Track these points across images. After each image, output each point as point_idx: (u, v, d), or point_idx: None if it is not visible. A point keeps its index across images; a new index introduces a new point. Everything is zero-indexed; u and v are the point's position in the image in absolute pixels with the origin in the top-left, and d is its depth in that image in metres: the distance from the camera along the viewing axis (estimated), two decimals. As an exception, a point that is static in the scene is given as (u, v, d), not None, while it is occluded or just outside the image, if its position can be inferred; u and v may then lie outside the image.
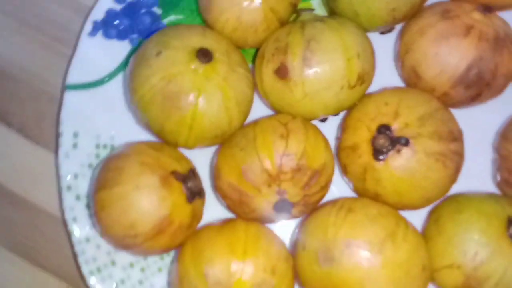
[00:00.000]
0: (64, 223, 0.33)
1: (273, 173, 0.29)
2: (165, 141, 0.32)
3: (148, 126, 0.31)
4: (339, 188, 0.34)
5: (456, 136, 0.30)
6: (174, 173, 0.30)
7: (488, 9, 0.31)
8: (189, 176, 0.30)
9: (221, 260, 0.28)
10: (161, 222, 0.29)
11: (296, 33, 0.31)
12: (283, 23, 0.33)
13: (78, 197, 0.33)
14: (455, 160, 0.30)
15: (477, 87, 0.31)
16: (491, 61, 0.30)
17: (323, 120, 0.35)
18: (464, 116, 0.33)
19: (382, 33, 0.35)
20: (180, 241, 0.30)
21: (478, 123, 0.34)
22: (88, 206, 0.33)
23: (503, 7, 0.33)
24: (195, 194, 0.30)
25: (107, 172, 0.30)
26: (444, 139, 0.30)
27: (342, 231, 0.29)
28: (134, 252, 0.30)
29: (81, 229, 0.33)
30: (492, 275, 0.29)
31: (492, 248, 0.29)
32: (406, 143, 0.29)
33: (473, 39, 0.30)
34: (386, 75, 0.35)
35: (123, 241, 0.29)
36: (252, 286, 0.28)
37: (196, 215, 0.31)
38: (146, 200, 0.28)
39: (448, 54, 0.31)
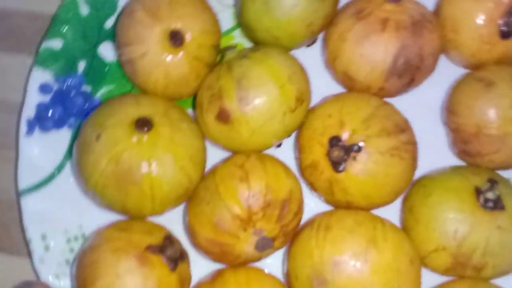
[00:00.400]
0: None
1: (245, 217, 0.29)
2: (132, 216, 0.32)
3: (110, 208, 0.31)
4: (315, 202, 0.35)
5: (403, 127, 0.31)
6: (149, 248, 0.30)
7: (396, -2, 0.32)
8: (165, 245, 0.30)
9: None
10: None
11: (226, 76, 0.31)
12: (211, 66, 0.33)
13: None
14: (410, 150, 0.31)
15: (409, 74, 0.32)
16: (414, 46, 0.31)
17: (279, 145, 0.35)
18: (409, 100, 0.34)
19: (308, 46, 0.36)
20: None
21: (425, 103, 0.35)
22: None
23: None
24: (177, 260, 0.30)
25: (84, 270, 0.29)
26: (392, 133, 0.31)
27: (326, 251, 0.30)
28: None
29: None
30: (477, 247, 0.30)
31: (469, 221, 0.30)
32: (359, 149, 0.30)
33: (391, 31, 0.31)
34: (324, 83, 0.36)
35: None
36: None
37: (185, 279, 0.31)
38: (131, 286, 0.28)
39: (372, 52, 0.32)
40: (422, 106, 0.36)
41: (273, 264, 0.34)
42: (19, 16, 0.39)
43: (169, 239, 0.31)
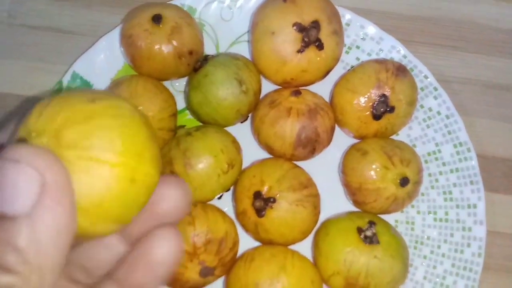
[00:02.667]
0: None
1: (191, 251, 0.40)
2: None
3: None
4: (248, 240, 0.45)
5: (306, 184, 0.43)
6: None
7: (298, 92, 0.45)
8: None
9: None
10: None
11: (175, 149, 0.43)
12: (173, 130, 0.45)
13: None
14: (311, 201, 0.43)
15: (310, 145, 0.45)
16: (311, 126, 0.44)
17: (220, 197, 0.47)
18: (316, 163, 0.47)
19: (242, 122, 0.48)
20: None
21: (328, 165, 0.48)
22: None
23: (310, 84, 0.47)
24: None
25: None
26: (297, 189, 0.42)
27: (250, 277, 0.40)
28: None
29: None
30: (361, 271, 0.41)
31: (353, 253, 0.41)
32: (274, 200, 0.42)
33: (294, 116, 0.44)
34: (254, 149, 0.48)
35: None
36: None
37: None
38: None
39: (282, 131, 0.44)
40: (327, 167, 0.48)
41: (216, 291, 0.44)
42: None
43: None
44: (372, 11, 0.54)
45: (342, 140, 0.48)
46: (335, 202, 0.47)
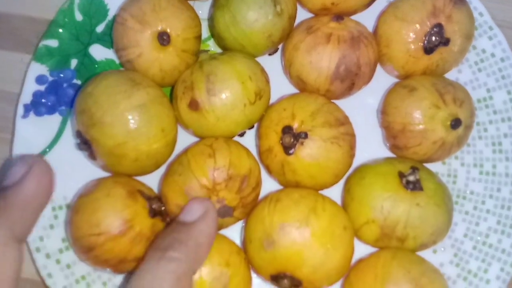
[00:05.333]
0: (42, 282, 0.37)
1: (210, 187, 0.35)
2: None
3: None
4: (271, 184, 0.40)
5: (342, 121, 0.38)
6: (140, 191, 0.36)
7: (340, 18, 0.39)
8: (154, 198, 0.36)
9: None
10: (123, 223, 0.34)
11: (197, 72, 0.37)
12: (197, 54, 0.40)
13: (48, 256, 0.38)
14: (347, 139, 0.38)
15: (349, 79, 0.39)
16: (353, 56, 0.38)
17: (242, 134, 0.41)
18: (353, 104, 0.42)
19: (270, 54, 0.43)
20: (138, 253, 0.35)
21: (365, 107, 0.43)
22: (57, 261, 0.38)
23: (351, 13, 0.41)
24: (157, 214, 0.36)
25: (86, 187, 0.36)
26: (333, 125, 0.37)
27: (275, 218, 0.35)
28: (96, 257, 0.34)
29: (57, 282, 0.37)
30: (400, 220, 0.36)
31: (392, 199, 0.36)
32: (306, 136, 0.37)
33: (334, 44, 0.38)
34: (282, 86, 0.43)
35: (89, 240, 0.34)
36: (213, 280, 0.33)
37: (156, 232, 0.36)
38: (113, 205, 0.34)
39: (319, 60, 0.38)
40: (363, 108, 0.43)
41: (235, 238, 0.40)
42: (19, 20, 0.45)
43: (159, 200, 0.37)
44: None
45: (382, 82, 0.43)
46: (370, 148, 0.42)
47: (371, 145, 0.42)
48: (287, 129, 0.37)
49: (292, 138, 0.37)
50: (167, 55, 0.38)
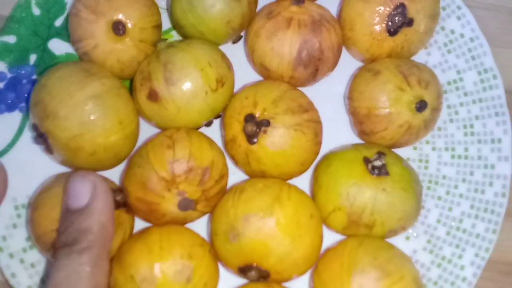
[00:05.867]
0: (6, 282, 0.36)
1: (169, 179, 0.34)
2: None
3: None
4: (237, 176, 0.40)
5: (306, 108, 0.37)
6: None
7: (300, 1, 0.38)
8: (116, 190, 0.35)
9: (142, 260, 0.32)
10: None
11: (154, 61, 0.36)
12: (156, 45, 0.38)
13: (11, 255, 0.37)
14: (311, 126, 0.37)
15: (312, 65, 0.38)
16: (314, 41, 0.37)
17: (208, 124, 0.40)
18: (319, 91, 0.41)
19: (234, 42, 0.42)
20: None
21: (332, 93, 0.42)
22: (21, 261, 0.37)
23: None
24: (121, 205, 0.35)
25: (45, 183, 0.35)
26: (296, 112, 0.36)
27: (240, 209, 0.35)
28: None
29: (22, 281, 0.36)
30: (366, 206, 0.35)
31: (358, 185, 0.35)
32: (268, 124, 0.36)
33: (294, 28, 0.37)
34: (247, 74, 0.42)
35: (52, 236, 0.33)
36: (175, 273, 0.32)
37: (121, 225, 0.35)
38: None
39: (280, 46, 0.37)
40: (331, 96, 0.42)
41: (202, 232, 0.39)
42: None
43: (121, 191, 0.36)
44: None
45: (348, 68, 0.42)
46: (339, 135, 0.41)
47: (340, 133, 0.41)
48: (249, 117, 0.36)
49: (255, 126, 0.36)
50: (124, 46, 0.37)
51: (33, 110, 0.35)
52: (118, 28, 0.36)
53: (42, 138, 0.35)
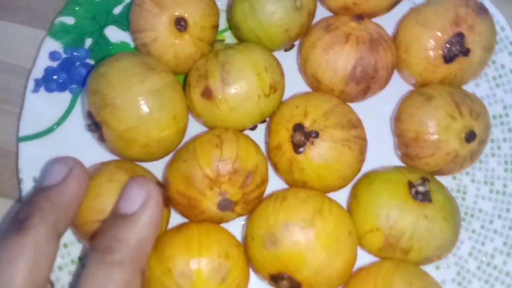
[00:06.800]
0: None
1: (213, 178, 0.34)
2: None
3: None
4: (277, 183, 0.40)
5: (355, 124, 0.37)
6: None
7: (360, 18, 0.38)
8: (157, 184, 0.35)
9: (181, 255, 0.32)
10: None
11: (212, 60, 0.37)
12: (213, 44, 0.39)
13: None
14: (358, 143, 0.37)
15: (365, 82, 0.38)
16: (370, 59, 0.38)
17: (253, 128, 0.40)
18: (367, 108, 0.41)
19: (286, 50, 0.42)
20: None
21: (379, 112, 0.42)
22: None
23: (372, 15, 0.40)
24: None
25: (88, 171, 0.34)
26: (345, 127, 0.36)
27: (280, 216, 0.34)
28: None
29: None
30: (405, 231, 0.35)
31: (400, 208, 0.35)
32: (317, 135, 0.36)
33: (352, 44, 0.38)
34: (296, 84, 0.42)
35: (93, 226, 0.33)
36: (211, 271, 0.32)
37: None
38: (116, 191, 0.33)
39: (336, 59, 0.38)
40: (377, 114, 0.42)
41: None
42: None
43: (162, 185, 0.36)
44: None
45: (397, 89, 0.42)
46: (380, 155, 0.41)
47: (381, 152, 0.41)
48: (298, 127, 0.36)
49: (303, 136, 0.36)
50: (183, 42, 0.37)
51: (90, 98, 0.35)
52: (180, 24, 0.37)
53: (96, 126, 0.35)
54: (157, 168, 0.39)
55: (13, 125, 0.40)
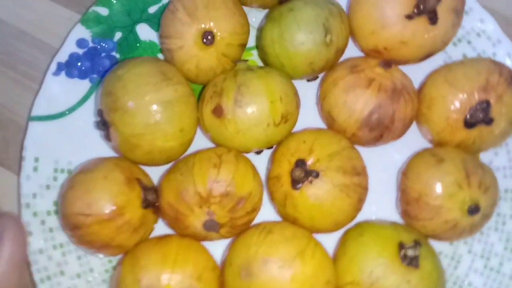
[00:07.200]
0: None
1: (204, 196, 0.34)
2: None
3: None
4: (270, 213, 0.39)
5: (359, 171, 0.36)
6: (138, 180, 0.35)
7: (388, 65, 0.37)
8: (150, 189, 0.36)
9: (154, 268, 0.33)
10: (114, 209, 0.34)
11: (230, 79, 0.37)
12: (236, 62, 0.39)
13: (35, 214, 0.38)
14: (358, 191, 0.36)
15: (378, 130, 0.37)
16: (389, 108, 0.37)
17: (258, 152, 0.40)
18: (375, 155, 0.40)
19: (308, 80, 0.42)
20: (122, 241, 0.35)
21: (388, 162, 0.41)
22: (42, 222, 0.38)
23: (402, 63, 0.39)
24: (150, 205, 0.36)
25: (87, 164, 0.36)
26: (348, 173, 0.36)
27: (262, 249, 0.34)
28: (80, 236, 0.34)
29: (35, 242, 0.37)
30: (386, 291, 0.34)
31: (385, 267, 0.34)
32: (317, 175, 0.35)
33: (373, 90, 0.37)
34: (311, 116, 0.41)
35: (77, 218, 0.34)
36: (179, 291, 0.33)
37: (145, 224, 0.36)
38: (108, 188, 0.34)
39: (354, 102, 0.37)
40: (386, 162, 0.41)
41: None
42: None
43: (155, 191, 0.36)
44: (496, 11, 0.45)
45: (413, 142, 0.41)
46: (379, 205, 0.40)
47: (382, 203, 0.40)
48: (300, 163, 0.36)
49: (303, 173, 0.35)
50: (207, 55, 0.37)
51: (104, 98, 0.36)
52: (207, 38, 0.37)
53: (104, 125, 0.36)
54: (156, 170, 0.39)
55: (30, 101, 0.41)
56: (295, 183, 0.36)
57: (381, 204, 0.40)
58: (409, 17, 0.36)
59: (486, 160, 0.40)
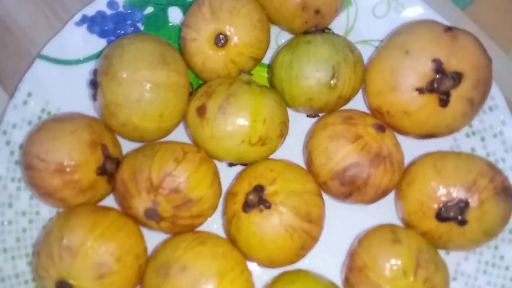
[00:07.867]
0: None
1: (155, 184, 0.34)
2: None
3: None
4: (219, 226, 0.39)
5: (312, 219, 0.35)
6: (104, 146, 0.36)
7: (381, 128, 0.36)
8: (112, 159, 0.36)
9: (79, 232, 0.33)
10: (67, 165, 0.35)
11: (224, 85, 0.37)
12: (241, 72, 0.39)
13: (8, 143, 0.39)
14: (303, 238, 0.35)
15: (349, 187, 0.36)
16: (365, 170, 0.35)
17: (231, 165, 0.40)
18: (341, 211, 0.39)
19: (308, 116, 0.41)
20: (65, 196, 0.36)
21: (355, 223, 0.40)
22: (12, 153, 0.39)
23: (402, 133, 0.38)
24: (105, 173, 0.36)
25: (63, 113, 0.37)
26: (299, 216, 0.35)
27: (186, 256, 0.34)
28: (29, 177, 0.36)
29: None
30: None
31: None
32: (269, 206, 0.35)
33: (357, 147, 0.36)
34: (297, 149, 0.41)
35: (32, 160, 0.35)
36: (94, 263, 0.33)
37: (94, 189, 0.36)
38: (71, 143, 0.35)
39: (334, 151, 0.36)
40: (353, 219, 0.40)
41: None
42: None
43: (118, 164, 0.37)
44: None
45: (382, 213, 0.39)
46: (326, 262, 0.39)
47: (329, 260, 0.39)
48: (259, 188, 0.35)
49: (257, 198, 0.35)
50: (215, 56, 0.38)
51: (102, 60, 0.37)
52: (220, 40, 0.37)
53: (94, 85, 0.37)
54: (134, 146, 0.39)
55: (47, 35, 0.43)
56: (246, 206, 0.35)
57: (328, 261, 0.39)
58: (420, 90, 0.35)
59: (452, 263, 0.38)
